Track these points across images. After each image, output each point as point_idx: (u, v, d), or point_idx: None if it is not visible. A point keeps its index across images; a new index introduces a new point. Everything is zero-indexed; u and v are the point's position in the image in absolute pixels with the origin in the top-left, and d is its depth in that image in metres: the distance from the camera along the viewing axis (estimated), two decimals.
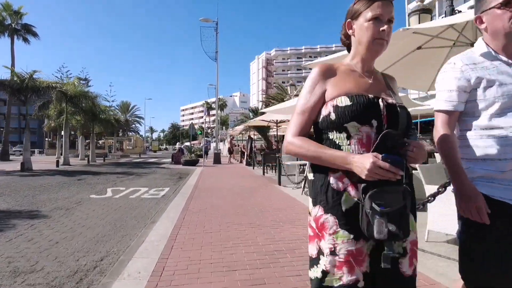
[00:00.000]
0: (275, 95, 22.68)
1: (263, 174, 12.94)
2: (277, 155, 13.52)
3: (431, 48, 4.75)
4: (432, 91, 6.31)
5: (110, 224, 5.15)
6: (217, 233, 4.34)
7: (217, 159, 20.44)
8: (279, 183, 9.58)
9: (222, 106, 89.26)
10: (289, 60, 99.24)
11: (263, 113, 18.92)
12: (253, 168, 16.03)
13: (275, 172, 13.64)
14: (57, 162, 18.13)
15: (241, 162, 21.81)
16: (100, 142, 47.59)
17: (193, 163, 18.77)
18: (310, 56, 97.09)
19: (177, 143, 23.36)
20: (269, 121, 15.68)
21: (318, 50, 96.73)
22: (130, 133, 67.01)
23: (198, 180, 11.02)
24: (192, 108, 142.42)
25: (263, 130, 21.56)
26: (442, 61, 5.31)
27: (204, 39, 22.42)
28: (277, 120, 15.23)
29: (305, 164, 11.61)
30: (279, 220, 5.07)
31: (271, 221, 5.01)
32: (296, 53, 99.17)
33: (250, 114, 25.11)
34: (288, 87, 18.60)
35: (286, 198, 7.25)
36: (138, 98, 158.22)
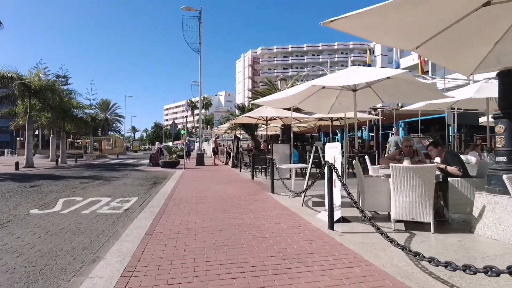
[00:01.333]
0: (263, 90, 21.13)
1: (252, 178, 11.33)
2: (268, 156, 11.95)
3: (505, 3, 3.24)
4: (478, 74, 4.87)
5: (29, 264, 3.42)
6: (189, 286, 2.70)
7: (200, 161, 18.70)
8: (273, 191, 7.99)
9: (207, 105, 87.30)
10: (275, 59, 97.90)
11: (251, 109, 17.34)
12: (240, 171, 14.40)
13: (265, 175, 12.08)
14: (17, 164, 15.95)
15: (226, 163, 20.15)
16: (78, 141, 44.94)
17: (172, 165, 16.96)
18: (297, 55, 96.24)
19: (156, 143, 21.42)
20: (258, 118, 14.08)
21: (305, 49, 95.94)
22: (111, 133, 64.21)
23: (176, 186, 9.30)
24: (176, 107, 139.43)
25: (250, 129, 19.93)
26: (507, 27, 3.84)
27: (186, 29, 20.65)
28: (266, 117, 13.65)
29: (305, 168, 10.10)
30: (283, 254, 3.47)
31: (272, 257, 3.40)
32: (282, 52, 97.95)
33: (237, 111, 23.42)
34: (278, 82, 17.08)
35: (284, 212, 5.66)
36: (121, 97, 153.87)
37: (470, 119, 16.24)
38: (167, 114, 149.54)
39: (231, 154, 18.12)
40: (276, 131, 23.15)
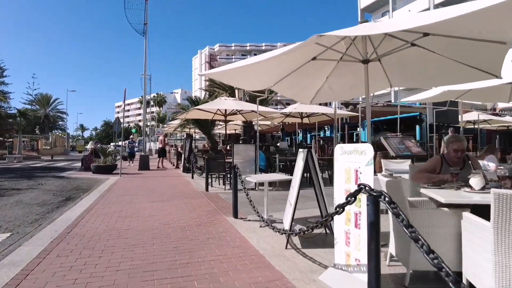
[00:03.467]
0: (221, 83, 18.47)
1: (206, 189, 8.58)
2: (227, 160, 9.29)
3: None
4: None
5: None
6: None
7: (144, 164, 15.47)
8: (235, 215, 5.36)
9: (160, 102, 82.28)
10: (233, 56, 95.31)
11: (206, 102, 14.57)
12: (192, 177, 11.52)
13: (223, 183, 9.40)
14: None
15: (177, 166, 17.09)
16: (10, 140, 38.82)
17: (108, 169, 13.59)
18: (255, 54, 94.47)
19: (89, 143, 17.75)
20: (215, 112, 11.34)
21: (263, 48, 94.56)
22: (55, 131, 57.26)
23: (92, 207, 6.29)
24: (128, 104, 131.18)
25: (206, 126, 17.12)
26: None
27: (130, 7, 17.29)
28: (225, 111, 10.96)
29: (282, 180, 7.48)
30: None
31: None
32: (240, 50, 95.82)
33: (191, 106, 20.38)
34: None
35: (260, 275, 3.05)
36: (66, 93, 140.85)
37: (447, 118, 14.93)
38: (118, 112, 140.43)
39: (183, 155, 15.16)
40: (235, 130, 20.53)
